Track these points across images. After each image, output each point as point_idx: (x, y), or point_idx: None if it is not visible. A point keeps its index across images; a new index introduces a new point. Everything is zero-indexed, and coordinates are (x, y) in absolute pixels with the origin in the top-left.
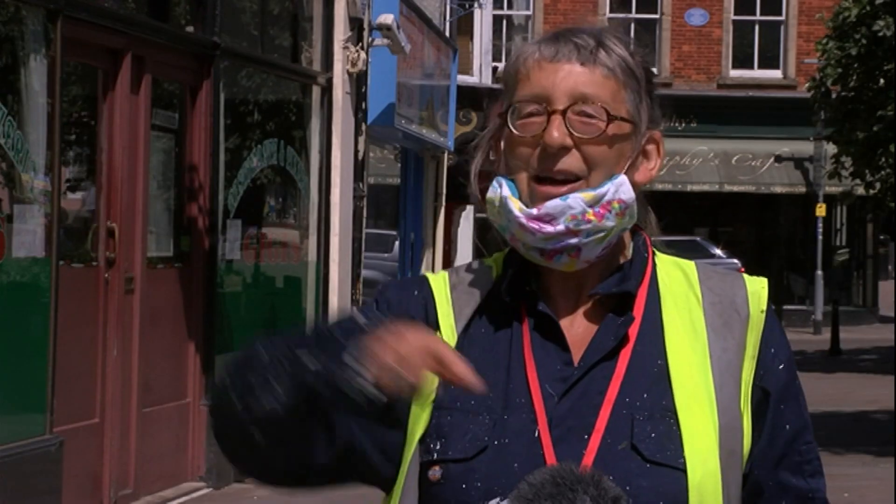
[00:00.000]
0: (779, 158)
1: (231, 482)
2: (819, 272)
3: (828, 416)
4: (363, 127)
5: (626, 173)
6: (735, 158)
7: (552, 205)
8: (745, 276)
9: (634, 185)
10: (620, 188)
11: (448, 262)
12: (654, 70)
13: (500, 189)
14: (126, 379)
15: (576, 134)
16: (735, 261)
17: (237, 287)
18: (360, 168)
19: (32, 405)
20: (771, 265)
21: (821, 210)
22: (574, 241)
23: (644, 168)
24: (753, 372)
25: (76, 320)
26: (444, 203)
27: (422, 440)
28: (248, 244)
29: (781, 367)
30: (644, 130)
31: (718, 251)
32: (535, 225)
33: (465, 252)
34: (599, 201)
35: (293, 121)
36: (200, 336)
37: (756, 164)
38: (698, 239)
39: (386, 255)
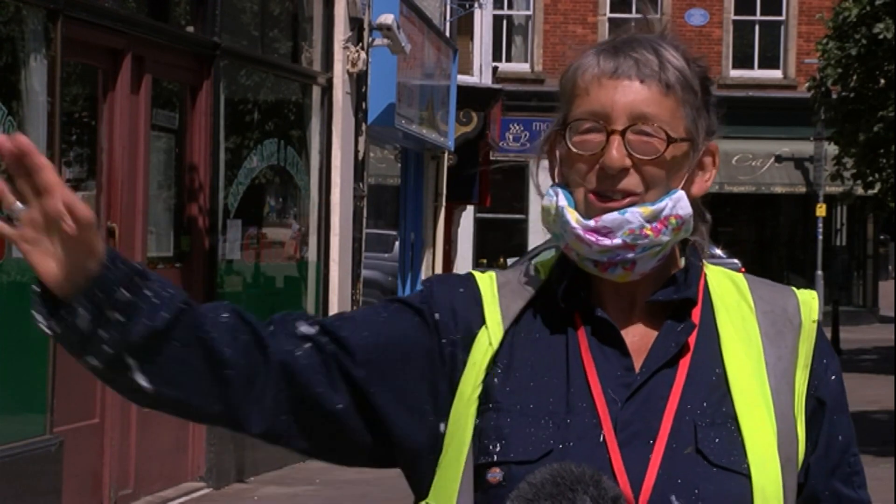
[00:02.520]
0: (779, 158)
1: (231, 482)
2: (819, 272)
3: None
4: (363, 127)
5: (682, 187)
6: (735, 158)
7: (610, 218)
8: (794, 288)
9: (690, 197)
10: (678, 204)
11: (448, 262)
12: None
13: (557, 198)
14: None
15: (635, 155)
16: (735, 261)
17: (237, 287)
18: (360, 168)
19: (32, 405)
20: (771, 265)
21: (821, 210)
22: (630, 255)
23: (700, 180)
24: (807, 382)
25: None
26: (444, 203)
27: (476, 441)
28: (248, 244)
29: (834, 377)
30: (701, 145)
31: (719, 251)
32: (591, 237)
33: (465, 252)
34: (658, 217)
35: (293, 121)
36: None
37: (756, 164)
38: (698, 239)
39: (386, 255)
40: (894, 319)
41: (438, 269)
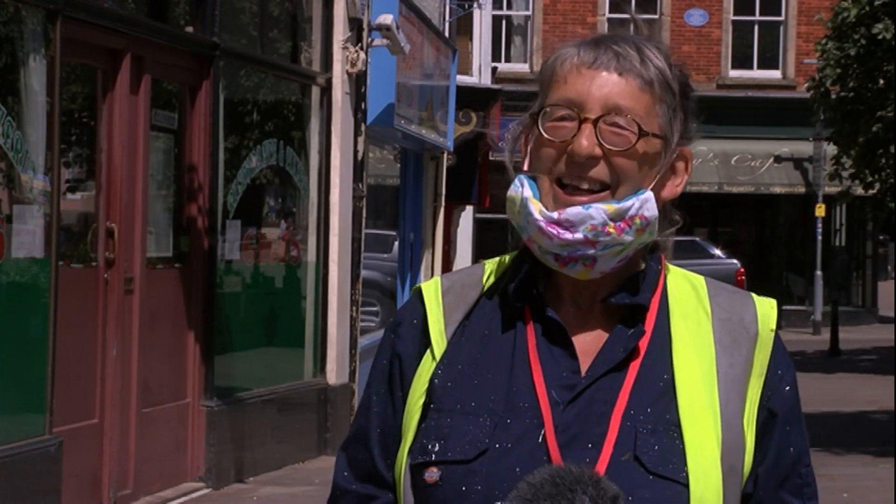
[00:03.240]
0: (778, 159)
1: (230, 482)
2: (818, 272)
3: (827, 416)
4: (362, 127)
5: (652, 189)
6: (734, 159)
7: (573, 212)
8: (755, 295)
9: (659, 200)
10: (645, 204)
11: (447, 263)
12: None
13: (522, 189)
14: (125, 379)
15: (605, 145)
16: (734, 261)
17: (236, 287)
18: (359, 168)
19: (32, 405)
20: (770, 265)
21: (820, 210)
22: (591, 251)
23: (670, 184)
24: (760, 392)
25: (75, 321)
26: (443, 203)
27: (417, 441)
28: (248, 244)
29: (788, 388)
30: (675, 146)
31: (718, 252)
32: (553, 230)
33: (464, 252)
34: (622, 216)
35: (292, 121)
36: (200, 336)
37: (755, 164)
38: (698, 239)
39: (385, 255)
40: (894, 319)
41: (438, 270)
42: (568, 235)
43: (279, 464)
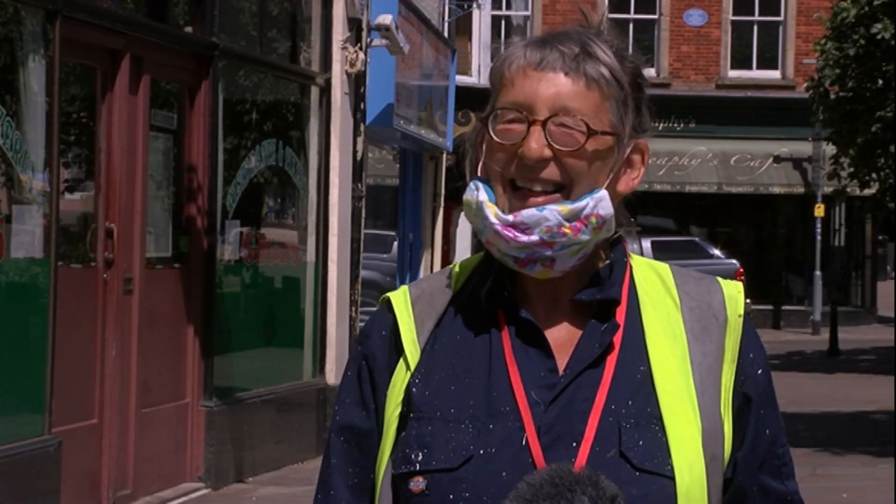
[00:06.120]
0: (777, 159)
1: (230, 482)
2: (818, 272)
3: (827, 416)
4: (362, 127)
5: (608, 185)
6: (733, 159)
7: (528, 214)
8: (721, 280)
9: (616, 195)
10: (600, 203)
11: (447, 263)
12: (646, 73)
13: (477, 193)
14: (125, 379)
15: (555, 146)
16: (734, 261)
17: (236, 288)
18: (358, 168)
19: (31, 406)
20: (769, 265)
21: (819, 210)
22: (548, 252)
23: (626, 178)
24: (734, 377)
25: (75, 321)
26: (442, 203)
27: (399, 450)
28: (247, 244)
29: (760, 371)
30: (628, 140)
31: (717, 251)
32: (509, 233)
33: (463, 252)
34: (577, 216)
35: (291, 121)
36: (199, 336)
37: (754, 164)
38: (697, 239)
39: (385, 255)
40: (894, 320)
41: (437, 270)
42: (524, 238)
43: (278, 464)
